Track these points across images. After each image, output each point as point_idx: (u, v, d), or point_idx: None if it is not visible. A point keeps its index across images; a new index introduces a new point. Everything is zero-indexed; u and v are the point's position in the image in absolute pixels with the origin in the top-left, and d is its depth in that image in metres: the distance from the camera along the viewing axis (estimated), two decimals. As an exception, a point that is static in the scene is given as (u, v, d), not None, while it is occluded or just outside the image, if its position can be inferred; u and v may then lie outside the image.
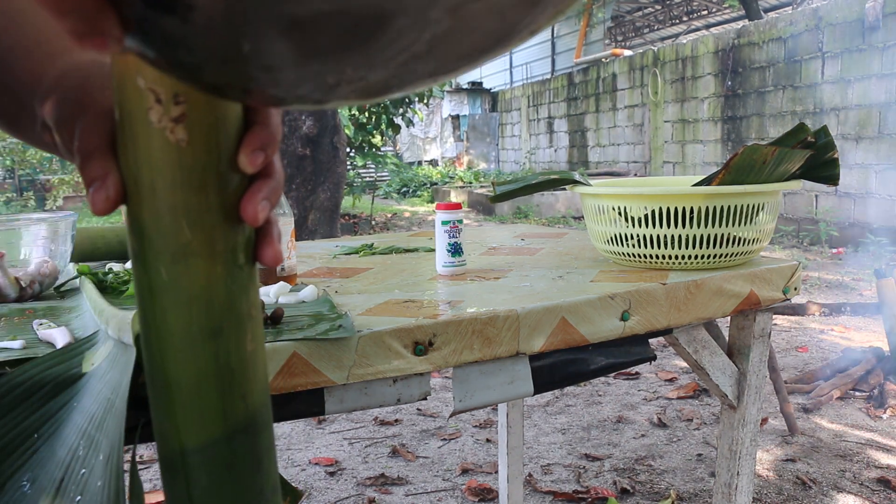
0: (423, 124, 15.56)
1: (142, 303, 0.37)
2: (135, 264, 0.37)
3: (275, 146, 0.37)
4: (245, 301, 0.38)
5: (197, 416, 0.38)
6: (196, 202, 0.35)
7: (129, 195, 0.36)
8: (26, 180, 10.59)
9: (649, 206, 1.05)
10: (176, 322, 0.37)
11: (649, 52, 8.90)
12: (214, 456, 0.38)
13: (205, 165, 0.35)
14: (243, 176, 0.37)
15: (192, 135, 0.34)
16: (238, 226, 0.37)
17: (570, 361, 0.92)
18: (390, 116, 8.40)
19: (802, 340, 3.41)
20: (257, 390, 0.40)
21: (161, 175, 0.35)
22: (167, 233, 0.36)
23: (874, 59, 5.66)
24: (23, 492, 0.51)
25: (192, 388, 0.37)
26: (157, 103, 0.34)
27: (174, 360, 0.37)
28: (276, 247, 0.39)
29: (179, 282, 0.36)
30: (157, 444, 0.39)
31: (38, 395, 0.59)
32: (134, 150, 0.35)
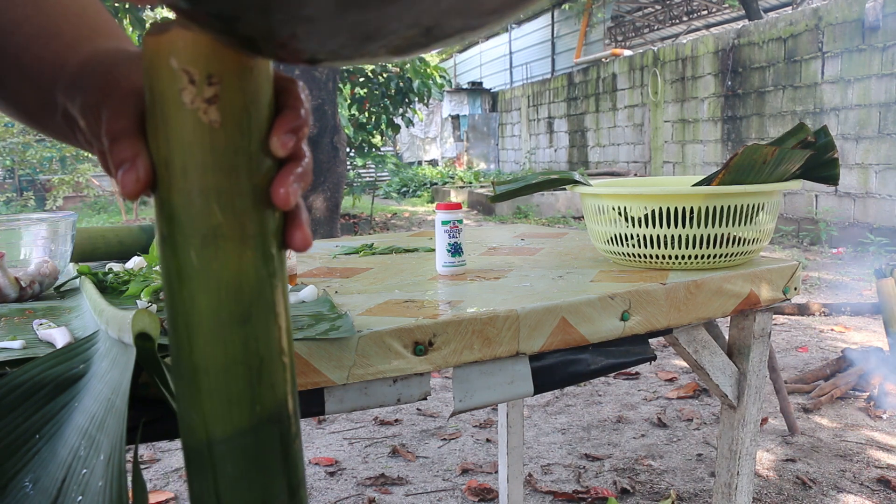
0: (423, 124, 15.56)
1: (170, 288, 0.37)
2: (163, 249, 0.37)
3: (305, 131, 0.37)
4: (274, 287, 0.38)
5: (225, 405, 0.37)
6: (227, 185, 0.35)
7: (159, 178, 0.36)
8: (26, 180, 10.60)
9: (649, 206, 1.05)
10: (205, 307, 0.36)
11: (649, 52, 8.90)
12: (242, 447, 0.38)
13: (237, 148, 0.35)
14: (274, 160, 0.37)
15: (224, 116, 0.34)
16: (268, 210, 0.37)
17: (570, 361, 0.92)
18: (390, 116, 8.40)
19: (802, 340, 3.41)
20: (286, 379, 0.39)
21: (193, 157, 0.35)
22: (198, 216, 0.35)
23: (874, 59, 5.66)
24: (25, 492, 0.51)
25: (220, 375, 0.37)
26: (191, 84, 0.34)
27: (202, 346, 0.37)
28: (306, 231, 0.39)
29: (210, 266, 0.36)
30: (181, 435, 0.39)
31: (39, 396, 0.59)
32: (165, 132, 0.35)
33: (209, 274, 0.36)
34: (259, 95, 0.36)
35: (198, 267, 0.36)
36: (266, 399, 0.38)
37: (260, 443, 0.38)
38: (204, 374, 0.37)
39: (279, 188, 0.36)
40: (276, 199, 0.36)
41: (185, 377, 0.38)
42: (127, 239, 1.27)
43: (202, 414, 0.37)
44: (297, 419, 0.40)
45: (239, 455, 0.38)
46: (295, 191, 0.37)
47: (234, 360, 0.37)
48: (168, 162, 0.35)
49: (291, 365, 0.40)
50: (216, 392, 0.37)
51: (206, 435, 0.37)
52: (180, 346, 0.37)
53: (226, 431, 0.37)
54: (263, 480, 0.38)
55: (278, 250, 0.38)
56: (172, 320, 0.37)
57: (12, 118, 0.53)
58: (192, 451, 0.38)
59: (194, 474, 0.38)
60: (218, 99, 0.34)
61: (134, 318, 0.55)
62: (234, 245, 0.36)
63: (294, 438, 0.40)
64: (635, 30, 12.88)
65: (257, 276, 0.37)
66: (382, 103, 8.25)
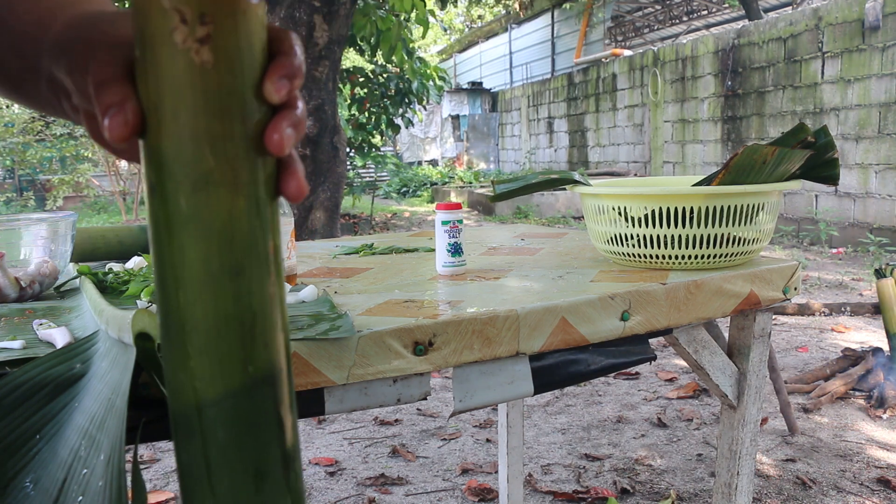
0: (423, 124, 15.56)
1: (158, 240, 0.35)
2: (151, 198, 0.35)
3: (299, 78, 0.37)
4: (267, 239, 0.37)
5: (216, 364, 0.35)
6: (220, 129, 0.34)
7: (149, 123, 0.35)
8: (26, 180, 10.60)
9: (649, 206, 1.05)
10: (195, 258, 0.35)
11: (649, 52, 8.90)
12: (234, 409, 0.36)
13: (230, 90, 0.34)
14: (268, 107, 0.36)
15: (217, 57, 0.34)
16: (261, 158, 0.36)
17: (570, 361, 0.92)
18: (390, 117, 8.40)
19: (802, 340, 3.41)
20: (280, 338, 0.37)
21: (184, 100, 0.34)
22: (189, 161, 0.34)
23: (874, 59, 5.66)
24: (26, 493, 0.51)
25: (211, 332, 0.35)
26: (183, 23, 0.33)
27: (192, 300, 0.35)
28: (301, 179, 0.38)
29: (200, 213, 0.34)
30: (169, 400, 0.37)
31: (40, 396, 0.59)
32: (156, 74, 0.34)
33: (200, 222, 0.35)
34: (252, 38, 0.35)
35: (188, 214, 0.34)
36: (260, 358, 0.36)
37: (253, 406, 0.36)
38: (193, 331, 0.35)
39: (273, 134, 0.35)
40: (270, 145, 0.36)
41: (172, 335, 0.36)
42: (127, 239, 1.27)
43: (191, 375, 0.35)
44: (290, 383, 0.38)
45: (230, 419, 0.36)
46: (289, 137, 0.36)
47: (225, 316, 0.35)
48: (158, 105, 0.34)
49: (285, 323, 0.38)
50: (206, 351, 0.35)
51: (195, 398, 0.35)
52: (168, 302, 0.36)
53: (216, 393, 0.35)
54: (256, 447, 0.37)
55: (272, 200, 0.37)
56: (160, 274, 0.36)
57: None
58: (179, 416, 0.36)
59: (182, 441, 0.36)
60: (210, 39, 0.33)
61: (134, 318, 0.55)
62: (225, 192, 0.35)
63: (290, 403, 0.38)
64: (635, 30, 12.88)
65: (250, 225, 0.36)
66: (382, 103, 8.25)
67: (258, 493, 0.37)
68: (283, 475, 0.38)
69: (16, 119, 9.17)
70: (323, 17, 4.54)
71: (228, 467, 0.36)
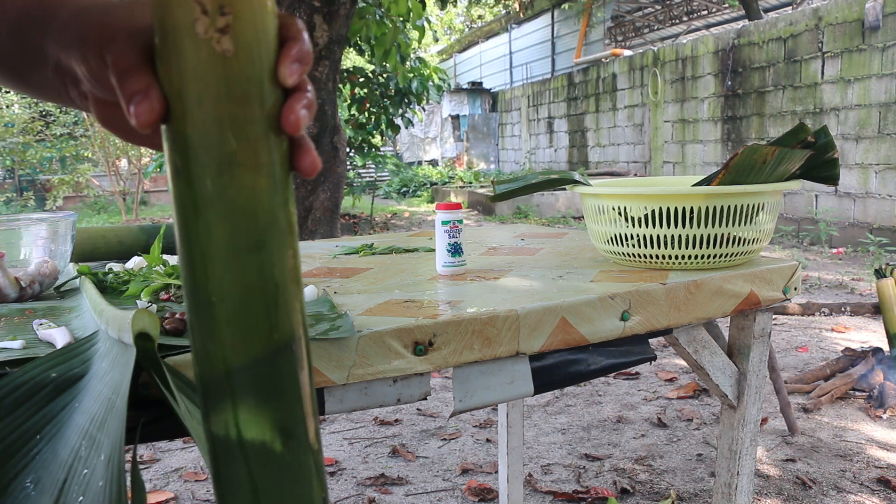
0: (422, 124, 15.56)
1: (184, 220, 0.38)
2: (177, 181, 0.37)
3: (309, 61, 0.39)
4: (285, 214, 0.39)
5: (243, 333, 0.38)
6: (241, 113, 0.36)
7: (173, 109, 0.37)
8: (26, 180, 10.60)
9: (649, 206, 1.05)
10: (221, 235, 0.37)
11: (649, 52, 8.90)
12: (261, 374, 0.38)
13: (249, 77, 0.36)
14: (281, 91, 0.38)
15: (237, 45, 0.36)
16: (277, 139, 0.38)
17: (570, 361, 0.92)
18: (390, 117, 8.40)
19: (802, 340, 3.41)
20: (298, 307, 0.40)
21: (207, 87, 0.36)
22: (213, 144, 0.36)
23: (874, 59, 5.66)
24: (27, 493, 0.51)
25: (237, 303, 0.38)
26: (204, 14, 0.35)
27: (219, 275, 0.37)
28: (313, 154, 0.40)
29: (225, 193, 0.37)
30: (197, 372, 0.39)
31: (40, 396, 0.59)
32: (178, 64, 0.36)
33: (225, 201, 0.37)
34: (267, 26, 0.37)
35: (213, 195, 0.37)
36: (283, 326, 0.39)
37: (278, 370, 0.39)
38: (221, 303, 0.38)
39: (289, 115, 0.38)
40: (287, 125, 0.38)
41: (201, 308, 0.38)
42: (127, 239, 1.27)
43: (220, 344, 0.38)
44: (308, 348, 0.41)
45: (258, 383, 0.38)
46: (304, 117, 0.38)
47: (251, 288, 0.38)
48: (182, 93, 0.36)
49: (300, 292, 0.41)
50: (234, 321, 0.38)
51: (224, 365, 0.38)
52: (196, 279, 0.38)
53: (245, 360, 0.38)
54: (283, 408, 0.39)
55: (287, 178, 0.39)
56: (187, 252, 0.38)
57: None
58: (209, 385, 0.39)
59: (213, 408, 0.39)
60: (230, 28, 0.35)
61: (134, 318, 0.55)
62: (248, 172, 0.37)
63: (306, 368, 0.41)
64: (635, 30, 12.88)
65: (271, 202, 0.38)
66: (382, 103, 8.25)
67: (285, 450, 0.39)
68: (305, 434, 0.40)
69: (16, 119, 9.17)
70: (323, 17, 4.54)
71: (258, 428, 0.39)
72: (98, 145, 8.87)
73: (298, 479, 0.40)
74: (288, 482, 0.40)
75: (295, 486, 0.40)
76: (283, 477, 0.40)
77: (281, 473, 0.39)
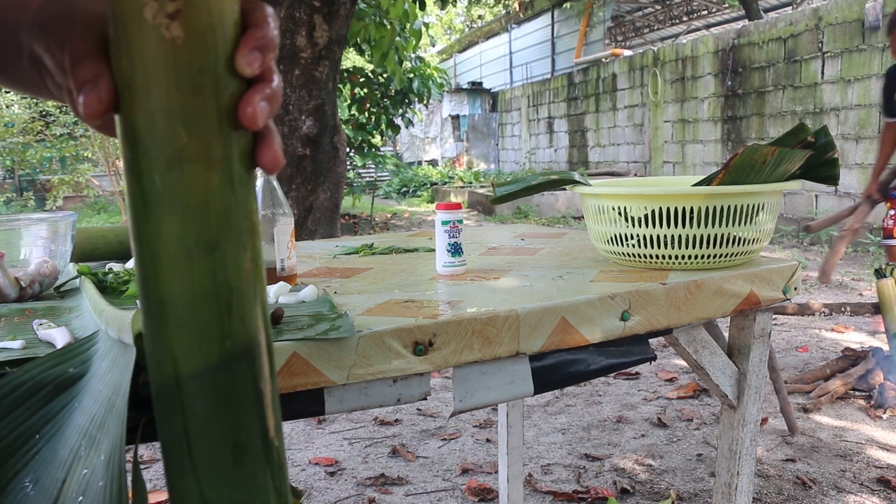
0: (422, 124, 15.56)
1: (135, 216, 0.36)
2: (128, 175, 0.35)
3: (272, 50, 0.36)
4: (243, 214, 0.37)
5: (193, 339, 0.36)
6: (192, 105, 0.34)
7: (123, 100, 0.35)
8: (26, 180, 10.60)
9: (649, 206, 1.05)
10: (170, 234, 0.35)
11: (649, 52, 8.90)
12: (212, 383, 0.36)
13: (201, 66, 0.34)
14: (241, 81, 0.36)
15: (187, 33, 0.34)
16: (236, 133, 0.36)
17: (570, 361, 0.92)
18: (390, 117, 8.40)
19: (802, 340, 3.41)
20: (258, 313, 0.38)
21: (156, 76, 0.34)
22: (162, 137, 0.34)
23: (874, 59, 5.66)
24: (26, 493, 0.51)
25: (187, 307, 0.36)
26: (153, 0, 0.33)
27: (169, 276, 0.35)
28: (277, 150, 0.38)
29: (175, 190, 0.35)
30: (150, 374, 0.37)
31: (40, 396, 0.59)
32: (128, 51, 0.34)
33: (174, 198, 0.35)
34: (224, 12, 0.35)
35: (162, 191, 0.35)
36: (237, 333, 0.37)
37: (231, 380, 0.37)
38: (171, 306, 0.35)
39: (246, 107, 0.36)
40: (244, 119, 0.36)
41: (151, 310, 0.36)
42: (127, 239, 1.27)
43: (170, 349, 0.36)
44: (270, 358, 0.39)
45: (209, 392, 0.36)
46: (263, 110, 0.36)
47: (202, 291, 0.36)
48: (131, 82, 0.34)
49: (263, 299, 0.38)
50: (184, 325, 0.36)
51: (174, 371, 0.36)
52: (147, 277, 0.36)
53: (195, 367, 0.36)
54: (235, 420, 0.37)
55: (248, 173, 0.37)
56: (139, 250, 0.36)
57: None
58: (160, 389, 0.37)
59: (163, 414, 0.37)
60: (180, 14, 0.33)
61: (134, 318, 0.55)
62: (200, 168, 0.35)
63: (268, 378, 0.38)
64: (635, 30, 12.88)
65: (224, 201, 0.36)
66: (382, 103, 8.25)
67: (237, 465, 0.37)
68: (262, 449, 0.38)
69: (16, 119, 9.18)
70: (323, 17, 4.54)
71: (208, 440, 0.37)
72: (98, 145, 8.87)
73: (253, 496, 0.38)
74: (241, 499, 0.37)
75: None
76: (234, 493, 0.37)
77: (233, 489, 0.37)
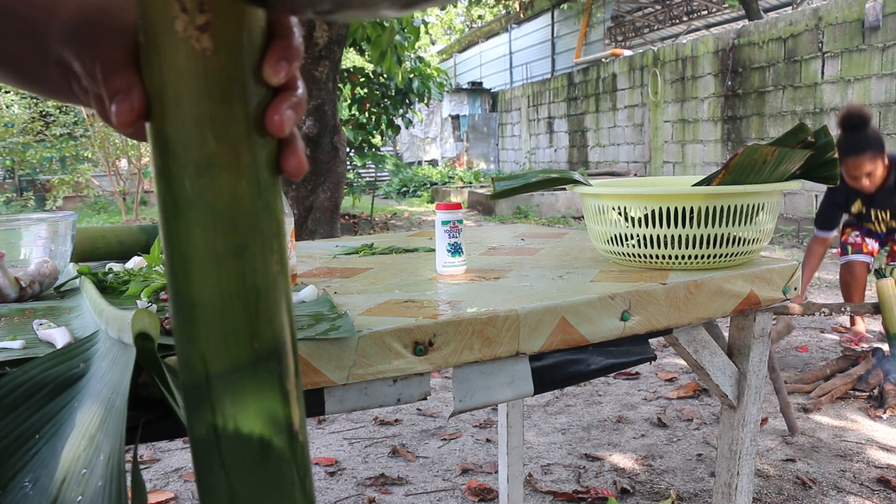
0: (422, 124, 15.56)
1: (165, 222, 0.37)
2: (158, 181, 0.37)
3: (297, 59, 0.38)
4: (270, 219, 0.38)
5: (222, 339, 0.37)
6: (221, 113, 0.36)
7: (153, 109, 0.36)
8: (26, 180, 10.60)
9: (649, 206, 1.05)
10: (200, 238, 0.36)
11: (649, 52, 8.90)
12: (240, 382, 0.37)
13: (230, 76, 0.36)
14: (268, 89, 0.37)
15: (217, 44, 0.35)
16: (262, 140, 0.37)
17: (570, 361, 0.92)
18: (390, 117, 8.40)
19: (802, 340, 3.41)
20: (283, 314, 0.39)
21: (186, 86, 0.35)
22: (192, 145, 0.36)
23: (874, 59, 5.66)
24: (25, 493, 0.51)
25: (217, 309, 0.37)
26: (183, 12, 0.34)
27: (199, 279, 0.37)
28: (301, 156, 0.39)
29: (204, 195, 0.36)
30: (180, 374, 0.39)
31: (40, 396, 0.59)
32: (159, 62, 0.35)
33: (204, 204, 0.36)
34: (251, 24, 0.36)
35: (192, 197, 0.36)
36: (264, 334, 0.38)
37: (258, 379, 0.38)
38: (201, 307, 0.37)
39: (273, 115, 0.37)
40: (271, 127, 0.37)
41: (182, 312, 0.37)
42: (127, 239, 1.27)
43: (200, 349, 0.37)
44: (295, 357, 0.40)
45: (237, 391, 0.37)
46: (289, 118, 0.37)
47: (230, 294, 0.37)
48: (162, 91, 0.36)
49: (289, 301, 0.40)
50: (213, 326, 0.37)
51: (204, 370, 0.37)
52: (177, 281, 0.37)
53: (224, 367, 0.37)
54: (263, 417, 0.38)
55: (274, 179, 0.38)
56: (169, 254, 0.37)
57: (2, 79, 0.53)
58: (190, 388, 0.38)
59: (193, 412, 0.38)
60: (210, 26, 0.35)
61: (134, 318, 0.55)
62: (228, 174, 0.36)
63: (293, 377, 0.40)
64: (635, 30, 12.88)
65: (252, 206, 0.37)
66: (382, 103, 8.25)
67: (264, 461, 0.39)
68: (288, 445, 0.39)
69: (16, 119, 9.17)
70: (323, 17, 4.53)
71: (236, 437, 0.38)
72: (98, 145, 8.87)
73: (279, 491, 0.39)
74: (268, 493, 0.39)
75: (276, 498, 0.39)
76: (262, 487, 0.39)
77: (260, 484, 0.39)
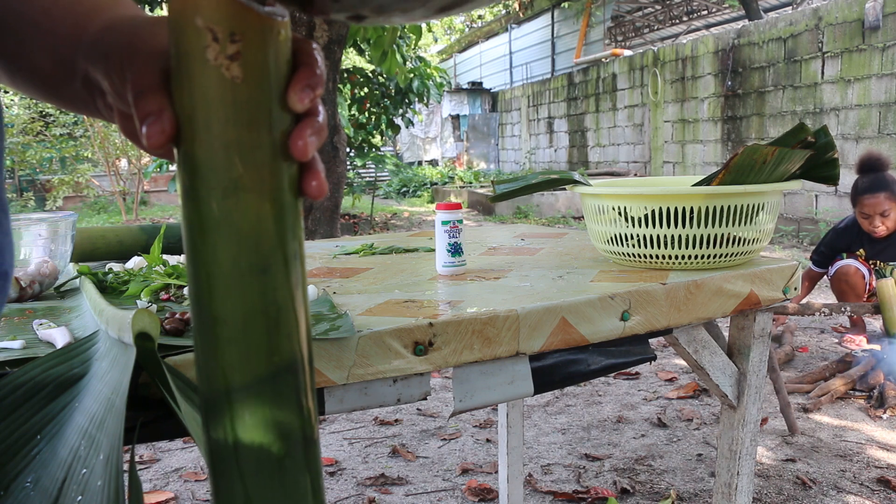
0: (423, 124, 15.56)
1: (191, 241, 0.38)
2: (185, 202, 0.38)
3: (321, 87, 0.39)
4: (292, 239, 0.40)
5: (243, 354, 0.39)
6: (248, 139, 0.37)
7: (183, 132, 0.38)
8: (26, 180, 10.60)
9: (649, 206, 1.05)
10: (225, 257, 0.38)
11: (649, 52, 8.90)
12: (259, 395, 0.39)
13: (258, 103, 0.37)
14: (292, 116, 0.39)
15: (246, 72, 0.37)
16: (286, 164, 0.39)
17: (570, 361, 0.92)
18: (390, 117, 8.40)
19: (802, 340, 3.41)
20: (302, 330, 0.41)
21: (216, 111, 0.37)
22: (220, 168, 0.37)
23: (874, 59, 5.66)
24: (27, 493, 0.51)
25: (239, 324, 0.38)
26: (214, 41, 0.36)
27: (222, 296, 0.38)
28: (322, 180, 0.40)
29: (230, 217, 0.38)
30: (199, 387, 0.40)
31: (40, 396, 0.59)
32: (190, 88, 0.37)
33: (230, 225, 0.38)
34: (278, 53, 0.38)
35: (219, 218, 0.38)
36: (283, 349, 0.40)
37: (276, 392, 0.39)
38: (223, 323, 0.38)
39: (297, 140, 0.38)
40: (295, 152, 0.38)
41: (205, 327, 0.39)
42: (127, 239, 1.27)
43: (221, 363, 0.39)
44: (311, 373, 0.42)
45: (256, 403, 0.39)
46: (312, 143, 0.39)
47: (253, 310, 0.39)
48: (192, 116, 0.37)
49: (306, 316, 0.41)
50: (235, 341, 0.39)
51: (225, 383, 0.39)
52: (201, 297, 0.39)
53: (244, 380, 0.39)
54: (280, 429, 0.40)
55: (295, 202, 0.40)
56: (194, 272, 0.39)
57: (25, 91, 0.54)
58: (210, 401, 0.40)
59: (212, 423, 0.40)
60: (240, 56, 0.36)
61: (134, 318, 0.55)
62: (253, 196, 0.38)
63: (308, 390, 0.41)
64: (635, 30, 12.88)
65: (276, 227, 0.39)
66: (382, 103, 8.25)
67: (280, 470, 0.40)
68: (303, 455, 0.41)
69: (15, 119, 9.18)
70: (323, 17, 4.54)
71: (254, 447, 0.39)
72: (98, 145, 8.87)
73: (294, 499, 0.41)
74: (282, 501, 0.40)
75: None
76: (277, 496, 0.40)
77: (275, 492, 0.40)
